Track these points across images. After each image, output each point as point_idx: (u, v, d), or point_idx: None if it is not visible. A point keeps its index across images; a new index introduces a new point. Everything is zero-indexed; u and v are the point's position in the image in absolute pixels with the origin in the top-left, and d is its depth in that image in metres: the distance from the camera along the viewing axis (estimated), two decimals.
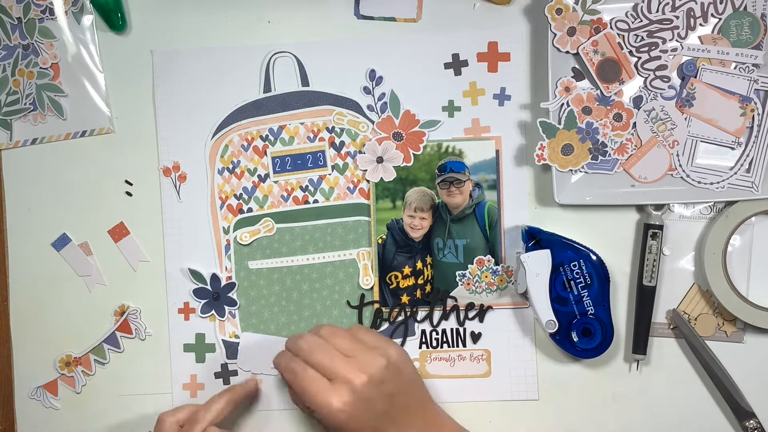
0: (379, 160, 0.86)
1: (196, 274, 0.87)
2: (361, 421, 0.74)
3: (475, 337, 0.87)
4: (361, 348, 0.77)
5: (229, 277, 0.87)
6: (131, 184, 0.88)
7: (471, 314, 0.86)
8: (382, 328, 0.87)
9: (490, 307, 0.86)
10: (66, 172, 0.88)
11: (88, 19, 0.87)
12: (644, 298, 0.83)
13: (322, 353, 0.76)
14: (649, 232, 0.83)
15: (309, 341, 0.77)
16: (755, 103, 0.81)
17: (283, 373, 0.77)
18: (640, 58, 0.82)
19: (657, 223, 0.83)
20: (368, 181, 0.86)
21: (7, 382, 0.88)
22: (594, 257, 0.82)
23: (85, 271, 0.88)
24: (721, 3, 0.81)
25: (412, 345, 0.87)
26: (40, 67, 0.87)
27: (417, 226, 0.86)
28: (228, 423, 0.84)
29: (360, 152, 0.86)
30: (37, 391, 0.88)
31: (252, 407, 0.87)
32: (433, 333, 0.87)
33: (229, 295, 0.87)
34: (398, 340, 0.87)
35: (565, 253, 0.81)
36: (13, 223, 0.88)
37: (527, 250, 0.82)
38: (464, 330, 0.87)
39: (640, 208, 0.85)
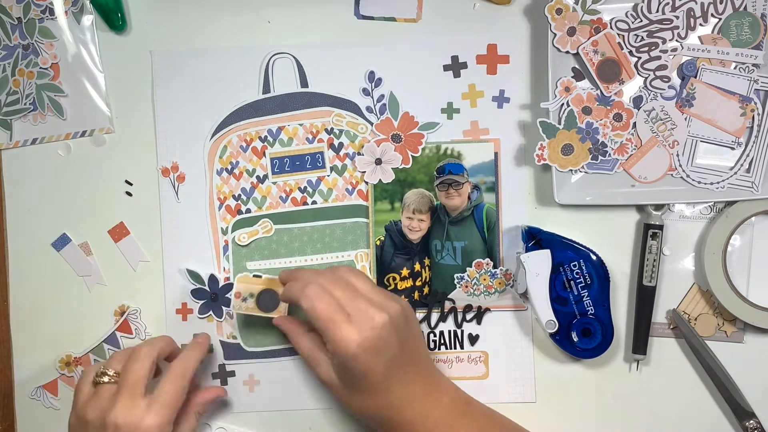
0: (378, 161, 0.82)
1: (194, 275, 0.83)
2: (373, 362, 0.70)
3: (473, 339, 0.83)
4: (378, 292, 0.73)
5: (228, 278, 0.83)
6: (131, 184, 0.84)
7: (469, 316, 0.83)
8: None
9: (488, 309, 0.83)
10: (66, 172, 0.84)
11: (88, 19, 0.83)
12: (644, 298, 0.80)
13: (341, 290, 0.71)
14: (649, 232, 0.80)
15: (327, 276, 0.72)
16: (755, 103, 0.78)
17: (299, 299, 0.71)
18: (640, 58, 0.78)
19: (657, 223, 0.80)
20: (367, 182, 0.83)
21: (7, 382, 0.85)
22: (594, 257, 0.78)
23: (85, 271, 0.84)
24: (721, 3, 0.78)
25: None
26: (40, 67, 0.83)
27: (415, 227, 0.83)
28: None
29: (359, 154, 0.83)
30: (37, 391, 0.85)
31: (254, 407, 0.83)
32: (431, 335, 0.83)
33: (227, 295, 0.83)
34: None
35: (565, 253, 0.78)
36: (13, 223, 0.85)
37: (527, 250, 0.79)
38: (462, 332, 0.83)
39: (640, 208, 0.82)
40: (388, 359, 0.71)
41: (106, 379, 0.74)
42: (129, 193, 0.84)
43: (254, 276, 0.81)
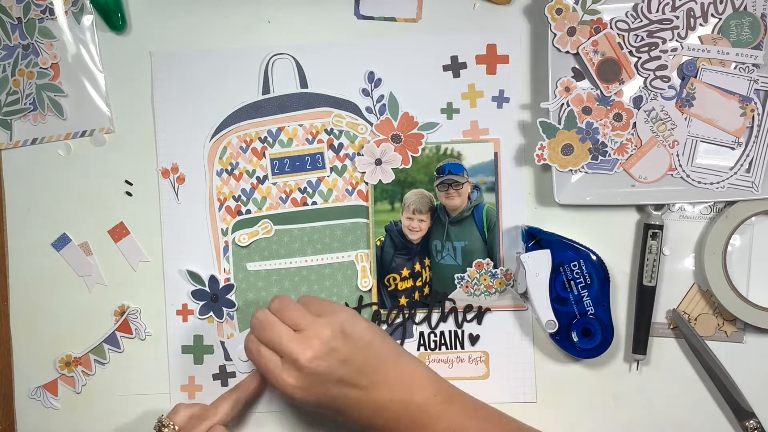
0: (378, 162, 0.81)
1: (194, 276, 0.82)
2: (317, 393, 0.72)
3: (474, 339, 0.82)
4: (310, 320, 0.73)
5: (228, 279, 0.82)
6: (131, 184, 0.83)
7: (469, 316, 0.82)
8: None
9: (488, 309, 0.82)
10: (66, 172, 0.83)
11: (88, 19, 0.82)
12: (644, 298, 0.79)
13: (270, 331, 0.73)
14: (649, 232, 0.79)
15: (259, 318, 0.74)
16: (755, 103, 0.77)
17: (245, 353, 0.76)
18: (640, 58, 0.77)
19: (657, 223, 0.79)
20: (367, 183, 0.82)
21: (7, 382, 0.84)
22: (594, 257, 0.77)
23: (85, 271, 0.83)
24: (721, 3, 0.77)
25: (410, 347, 0.82)
26: (40, 67, 0.82)
27: (415, 228, 0.81)
28: (233, 424, 0.80)
29: (358, 154, 0.82)
30: (37, 391, 0.83)
31: (252, 408, 0.82)
32: (432, 335, 0.82)
33: (228, 296, 0.82)
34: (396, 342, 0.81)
35: (565, 253, 0.77)
36: (13, 223, 0.84)
37: (527, 250, 0.78)
38: (462, 332, 0.82)
39: (640, 208, 0.80)
40: (333, 384, 0.71)
41: (166, 431, 0.75)
42: (129, 193, 0.83)
43: None
